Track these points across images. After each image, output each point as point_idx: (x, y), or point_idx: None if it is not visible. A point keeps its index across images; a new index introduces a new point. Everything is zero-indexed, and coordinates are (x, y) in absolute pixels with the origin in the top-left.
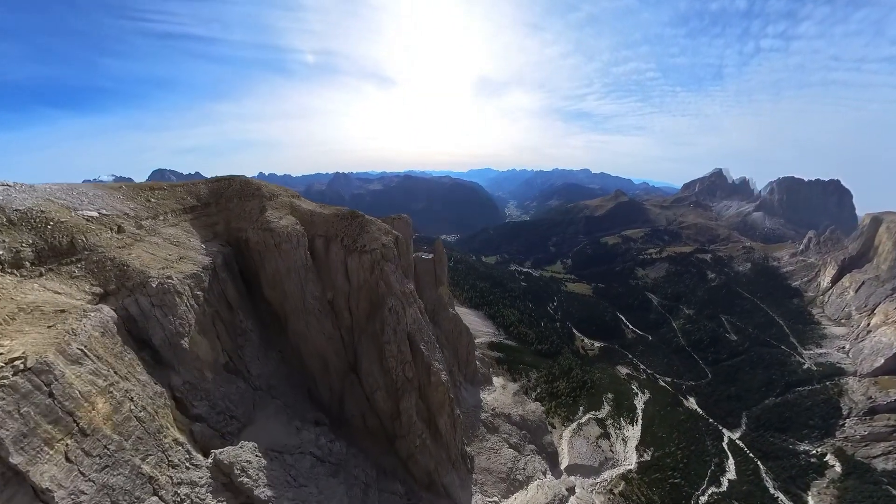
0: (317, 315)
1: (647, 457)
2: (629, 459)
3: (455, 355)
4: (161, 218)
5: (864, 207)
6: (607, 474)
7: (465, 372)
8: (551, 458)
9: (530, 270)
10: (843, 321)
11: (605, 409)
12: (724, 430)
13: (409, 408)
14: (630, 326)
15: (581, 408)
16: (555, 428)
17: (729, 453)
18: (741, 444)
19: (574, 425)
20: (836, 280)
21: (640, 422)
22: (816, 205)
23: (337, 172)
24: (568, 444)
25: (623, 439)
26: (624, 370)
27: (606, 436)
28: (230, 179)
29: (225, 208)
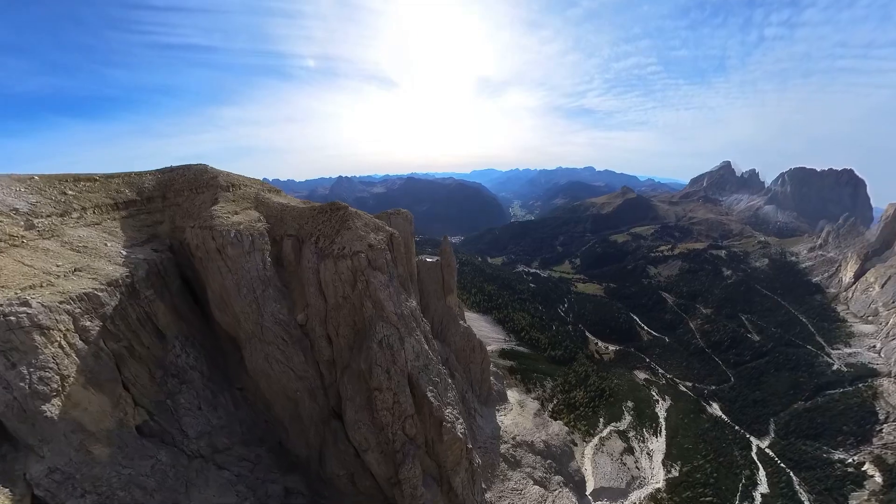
0: (281, 345)
1: (674, 472)
2: (656, 476)
3: (467, 374)
4: (75, 215)
5: (879, 197)
6: (635, 496)
7: (478, 393)
8: (578, 487)
9: (538, 271)
10: (870, 318)
11: (627, 420)
12: (752, 438)
13: (414, 477)
14: (645, 328)
15: (601, 419)
16: (575, 445)
17: (759, 464)
18: (771, 452)
19: (595, 440)
20: (859, 275)
21: (663, 432)
22: (830, 196)
23: (340, 176)
24: (591, 463)
25: (648, 453)
26: (642, 375)
27: (630, 450)
28: (185, 168)
29: (174, 203)
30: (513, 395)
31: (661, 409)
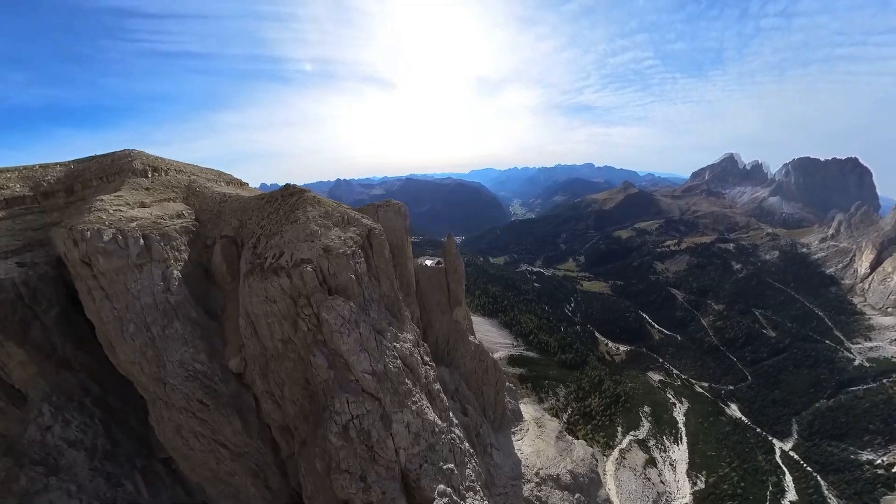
0: (200, 410)
1: (700, 484)
2: (682, 490)
3: (480, 400)
4: None
5: (883, 187)
6: None
7: (493, 419)
8: None
9: (542, 270)
10: (889, 310)
11: (645, 427)
12: (774, 441)
13: None
14: (656, 326)
15: (619, 428)
16: (595, 460)
17: (785, 468)
18: (795, 455)
19: (616, 453)
20: (875, 265)
21: (684, 439)
22: (835, 185)
23: (338, 179)
24: (614, 481)
25: (671, 464)
26: (656, 377)
27: (653, 462)
28: (107, 154)
29: (81, 198)
30: (527, 409)
31: (679, 413)
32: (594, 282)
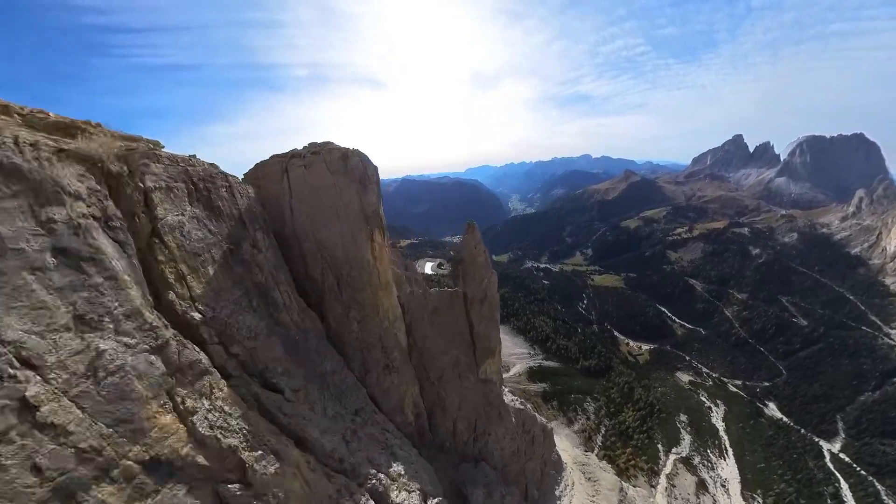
0: None
1: None
2: None
3: (521, 481)
4: None
5: (892, 161)
6: None
7: (537, 496)
8: None
9: (548, 266)
10: None
11: (686, 441)
12: (821, 442)
13: None
14: (677, 320)
15: (659, 446)
16: (638, 487)
17: (838, 474)
18: (846, 458)
19: (663, 481)
20: None
21: (729, 451)
22: (843, 163)
23: None
24: None
25: (722, 484)
26: (685, 377)
27: (703, 485)
28: None
29: None
30: (562, 443)
31: (718, 419)
32: (605, 275)
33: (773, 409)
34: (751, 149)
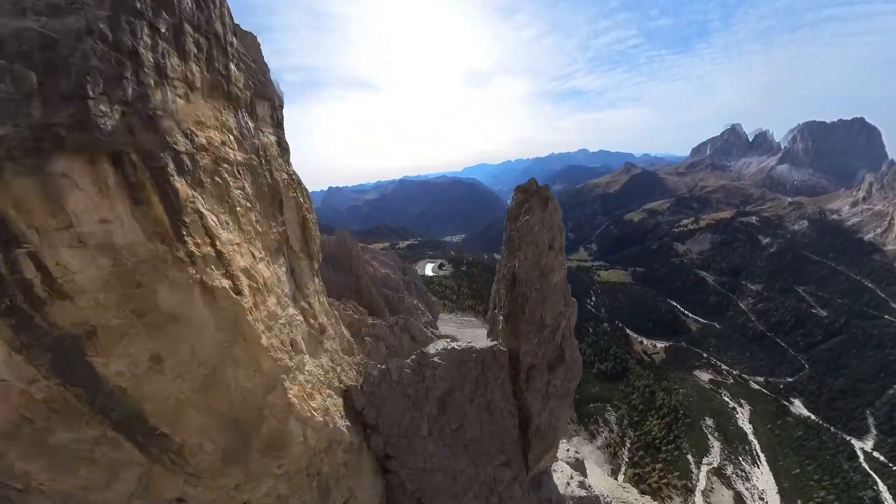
0: None
1: None
2: None
3: None
4: None
5: (893, 146)
6: None
7: None
8: None
9: None
10: None
11: (716, 449)
12: (853, 441)
13: None
14: (690, 315)
15: (689, 457)
16: None
17: (874, 475)
18: (881, 457)
19: (699, 499)
20: None
21: (762, 457)
22: (844, 148)
23: (331, 187)
24: None
25: (761, 497)
26: (704, 376)
27: (741, 500)
28: None
29: None
30: (593, 471)
31: (744, 421)
32: (612, 270)
33: (798, 407)
34: (749, 138)
